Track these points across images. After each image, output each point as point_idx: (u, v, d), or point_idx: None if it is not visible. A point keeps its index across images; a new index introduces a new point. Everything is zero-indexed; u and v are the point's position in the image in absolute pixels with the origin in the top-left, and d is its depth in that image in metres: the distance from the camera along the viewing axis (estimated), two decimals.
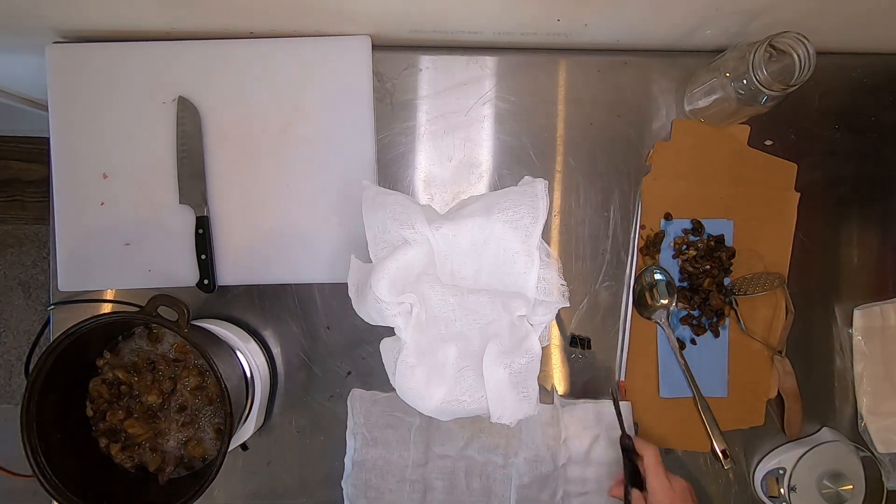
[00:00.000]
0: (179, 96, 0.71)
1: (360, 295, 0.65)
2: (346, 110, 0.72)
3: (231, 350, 0.68)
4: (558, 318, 0.75)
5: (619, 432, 0.67)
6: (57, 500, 0.60)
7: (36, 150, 1.56)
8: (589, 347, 0.75)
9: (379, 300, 0.61)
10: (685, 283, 0.75)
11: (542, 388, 0.73)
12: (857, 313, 0.75)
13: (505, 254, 0.65)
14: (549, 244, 0.76)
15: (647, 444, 0.65)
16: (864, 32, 0.73)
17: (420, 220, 0.63)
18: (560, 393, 0.75)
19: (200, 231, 0.71)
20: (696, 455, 0.75)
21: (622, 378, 0.74)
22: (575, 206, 0.76)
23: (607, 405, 0.72)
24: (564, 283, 0.65)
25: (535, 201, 0.64)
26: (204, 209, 0.72)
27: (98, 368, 0.67)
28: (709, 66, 0.70)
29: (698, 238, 0.75)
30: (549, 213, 0.75)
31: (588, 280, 0.75)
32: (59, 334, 0.60)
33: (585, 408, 0.72)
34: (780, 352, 0.75)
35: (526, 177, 0.69)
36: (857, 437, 0.76)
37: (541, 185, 0.65)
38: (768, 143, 0.76)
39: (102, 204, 0.72)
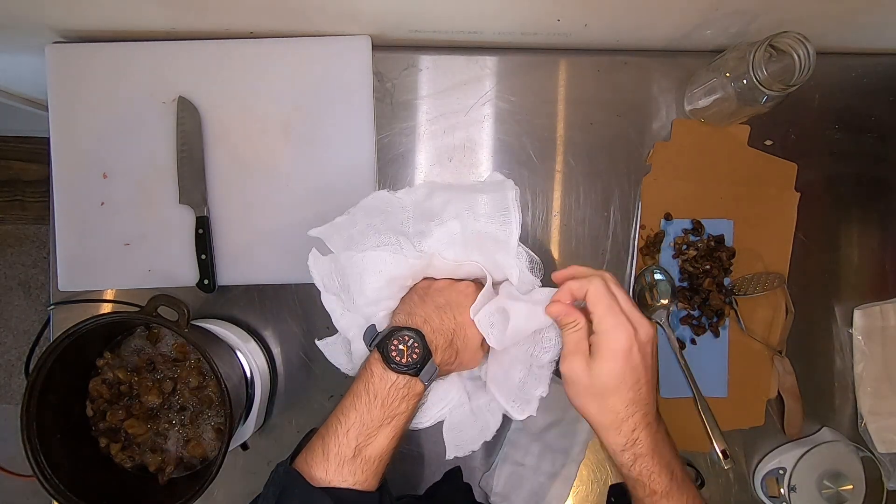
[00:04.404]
0: (179, 96, 0.71)
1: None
2: (346, 110, 0.72)
3: (231, 350, 0.68)
4: None
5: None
6: (57, 500, 0.60)
7: (36, 150, 1.56)
8: None
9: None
10: (685, 283, 0.75)
11: None
12: (857, 313, 0.75)
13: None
14: (549, 244, 0.76)
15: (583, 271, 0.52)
16: (864, 32, 0.73)
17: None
18: None
19: (200, 231, 0.71)
20: (696, 455, 0.75)
21: None
22: (575, 206, 0.76)
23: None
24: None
25: (506, 215, 0.60)
26: (204, 209, 0.71)
27: (98, 368, 0.67)
28: (709, 66, 0.70)
29: (698, 238, 0.75)
30: (549, 214, 0.76)
31: None
32: (59, 334, 0.60)
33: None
34: (780, 352, 0.75)
35: (494, 172, 0.64)
36: (857, 437, 0.76)
37: (511, 194, 0.58)
38: (768, 143, 0.76)
39: (102, 204, 0.72)
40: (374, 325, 0.56)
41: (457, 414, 0.63)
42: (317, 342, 0.64)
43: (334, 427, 0.51)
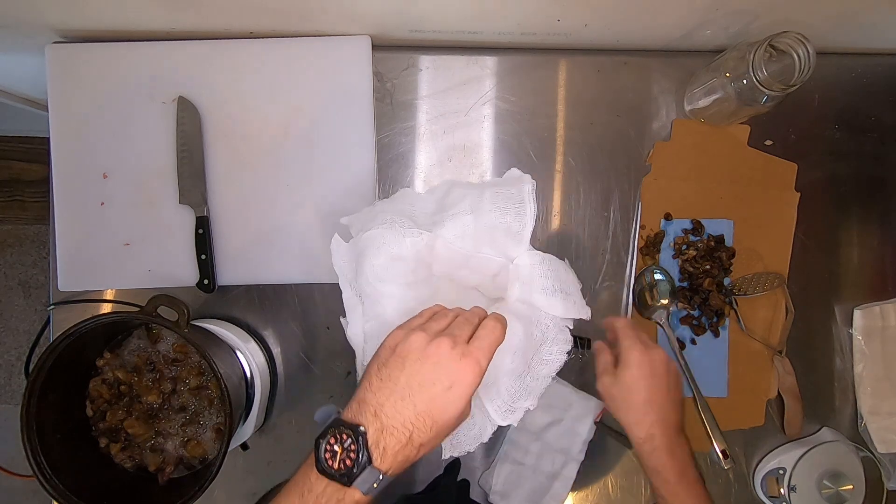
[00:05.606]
0: (179, 96, 0.71)
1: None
2: (346, 110, 0.72)
3: (231, 350, 0.68)
4: None
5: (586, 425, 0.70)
6: (57, 500, 0.60)
7: (36, 150, 1.56)
8: (589, 348, 0.75)
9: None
10: (685, 283, 0.75)
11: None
12: (857, 313, 0.75)
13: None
14: (549, 244, 0.76)
15: (616, 317, 0.65)
16: (864, 32, 0.73)
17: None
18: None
19: (200, 231, 0.71)
20: (696, 455, 0.75)
21: None
22: (575, 206, 0.76)
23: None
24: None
25: (521, 206, 0.61)
26: (204, 209, 0.71)
27: (98, 368, 0.67)
28: (709, 66, 0.70)
29: (698, 238, 0.75)
30: (549, 214, 0.76)
31: (588, 280, 0.75)
32: (59, 334, 0.60)
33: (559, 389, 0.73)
34: (780, 352, 0.75)
35: (513, 169, 0.66)
36: (857, 437, 0.76)
37: (528, 186, 0.61)
38: (768, 143, 0.76)
39: (102, 204, 0.72)
40: (332, 406, 0.53)
41: None
42: (341, 319, 0.65)
43: None
